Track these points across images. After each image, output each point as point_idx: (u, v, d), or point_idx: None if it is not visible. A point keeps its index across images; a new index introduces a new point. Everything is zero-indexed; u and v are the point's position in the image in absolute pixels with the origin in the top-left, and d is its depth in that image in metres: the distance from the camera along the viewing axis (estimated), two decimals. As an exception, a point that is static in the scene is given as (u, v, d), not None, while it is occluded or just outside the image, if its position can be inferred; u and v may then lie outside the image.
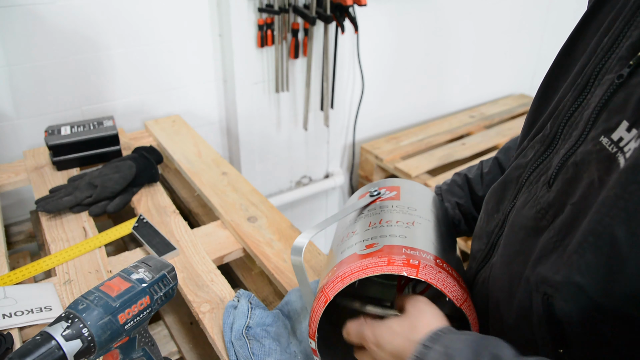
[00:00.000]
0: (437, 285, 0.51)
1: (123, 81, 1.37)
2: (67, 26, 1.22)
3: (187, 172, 1.15)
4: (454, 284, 0.51)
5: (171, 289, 0.62)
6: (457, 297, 0.51)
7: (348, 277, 0.53)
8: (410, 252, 0.53)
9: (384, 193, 0.67)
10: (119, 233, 0.94)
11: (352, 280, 0.53)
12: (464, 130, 2.07)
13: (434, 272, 0.51)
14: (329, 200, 2.03)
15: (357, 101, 1.86)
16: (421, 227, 0.59)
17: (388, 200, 0.65)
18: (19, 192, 1.29)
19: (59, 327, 0.51)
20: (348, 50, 1.72)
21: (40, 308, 0.73)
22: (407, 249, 0.53)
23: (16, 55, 1.19)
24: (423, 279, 0.50)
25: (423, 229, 0.59)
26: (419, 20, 1.88)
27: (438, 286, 0.51)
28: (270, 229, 0.95)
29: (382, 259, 0.52)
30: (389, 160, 1.86)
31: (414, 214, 0.62)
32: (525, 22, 2.21)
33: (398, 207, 0.63)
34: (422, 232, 0.58)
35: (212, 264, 0.87)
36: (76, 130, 1.16)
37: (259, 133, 1.64)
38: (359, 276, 0.52)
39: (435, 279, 0.51)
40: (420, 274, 0.50)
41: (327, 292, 0.54)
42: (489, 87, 2.33)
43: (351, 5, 1.45)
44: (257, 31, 1.44)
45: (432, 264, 0.52)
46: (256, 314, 0.73)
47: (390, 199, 0.65)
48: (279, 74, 1.54)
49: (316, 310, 0.55)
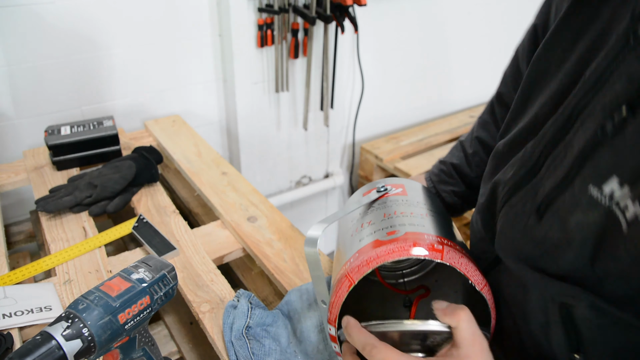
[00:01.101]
0: (461, 269, 0.51)
1: (123, 81, 1.37)
2: (67, 26, 1.22)
3: (187, 172, 1.15)
4: (474, 268, 0.52)
5: (171, 288, 0.62)
6: (478, 282, 0.52)
7: (374, 261, 0.52)
8: (432, 238, 0.53)
9: (391, 189, 0.67)
10: (119, 233, 0.94)
11: (379, 264, 0.52)
12: (464, 130, 2.07)
13: (457, 257, 0.51)
14: (329, 200, 2.03)
15: (357, 101, 1.86)
16: (434, 218, 0.60)
17: (396, 196, 0.66)
18: (18, 192, 1.29)
19: (59, 327, 0.51)
20: (348, 50, 1.72)
21: (40, 308, 0.73)
22: (428, 236, 0.54)
23: (16, 55, 1.19)
24: (448, 262, 0.51)
25: (436, 220, 0.60)
26: (419, 20, 1.88)
27: (462, 270, 0.51)
28: (270, 229, 0.95)
29: (407, 243, 0.52)
30: (389, 160, 1.86)
31: (424, 207, 0.62)
32: (525, 21, 2.20)
33: (408, 201, 0.64)
34: (436, 223, 0.59)
35: (212, 263, 0.87)
36: (76, 130, 1.16)
37: (259, 133, 1.64)
38: (385, 260, 0.52)
39: (459, 263, 0.51)
40: (445, 258, 0.51)
41: (352, 276, 0.53)
42: (489, 87, 2.33)
43: (351, 5, 1.45)
44: (257, 31, 1.44)
45: (454, 249, 0.52)
46: (256, 314, 0.73)
47: (398, 195, 0.66)
48: (279, 74, 1.54)
49: (339, 295, 0.54)
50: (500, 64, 2.45)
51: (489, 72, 2.26)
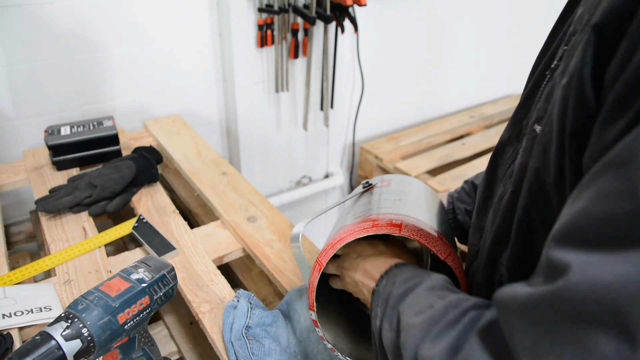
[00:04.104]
0: (420, 240, 0.54)
1: (123, 81, 1.37)
2: (66, 26, 1.22)
3: (187, 172, 1.15)
4: (436, 239, 0.55)
5: (171, 289, 0.62)
6: (440, 252, 0.55)
7: (338, 243, 0.57)
8: (394, 217, 0.57)
9: (377, 184, 0.70)
10: (119, 233, 0.94)
11: (342, 244, 0.57)
12: (463, 130, 2.07)
13: (416, 230, 0.55)
14: (329, 200, 2.03)
15: (357, 101, 1.86)
16: (408, 200, 0.63)
17: (380, 188, 0.69)
18: (18, 192, 1.29)
19: (59, 327, 0.51)
20: (348, 50, 1.72)
21: (40, 308, 0.73)
22: (392, 214, 0.58)
23: (16, 55, 1.19)
24: (405, 235, 0.54)
25: (410, 202, 0.63)
26: (419, 20, 1.88)
27: (420, 241, 0.54)
28: (270, 229, 0.95)
29: (367, 222, 0.56)
30: (389, 160, 1.86)
31: (402, 194, 0.65)
32: (525, 21, 2.21)
33: (387, 191, 0.67)
34: (408, 204, 0.62)
35: (212, 264, 0.87)
36: (76, 130, 1.16)
37: (258, 133, 1.64)
38: (346, 240, 0.56)
39: (418, 234, 0.54)
40: (402, 232, 0.54)
41: (320, 260, 0.58)
42: (489, 87, 2.33)
43: (351, 5, 1.45)
44: (257, 31, 1.44)
45: (415, 223, 0.56)
46: (256, 314, 0.73)
47: (383, 187, 0.69)
48: (279, 74, 1.54)
49: (312, 281, 0.59)
50: (500, 64, 2.46)
51: (489, 72, 2.26)
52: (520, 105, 0.52)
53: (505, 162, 0.53)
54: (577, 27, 0.41)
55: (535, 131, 0.43)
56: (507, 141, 0.54)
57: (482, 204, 0.57)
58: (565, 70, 0.38)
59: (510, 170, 0.51)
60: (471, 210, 0.75)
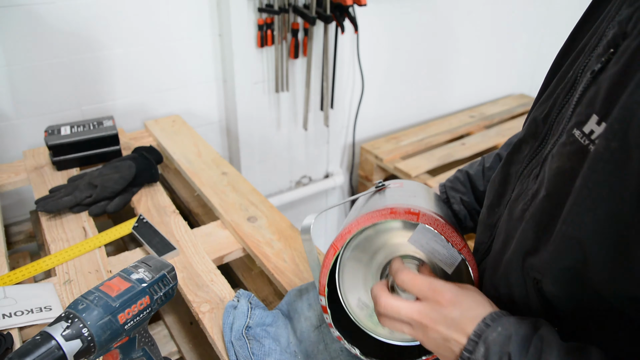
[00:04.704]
0: (437, 230, 0.55)
1: (123, 81, 1.37)
2: (66, 26, 1.22)
3: (187, 172, 1.15)
4: (452, 230, 0.55)
5: (171, 289, 0.62)
6: (456, 243, 0.55)
7: (355, 228, 0.56)
8: (412, 207, 0.57)
9: (389, 185, 0.69)
10: (119, 233, 0.94)
11: (359, 229, 0.56)
12: (464, 130, 2.07)
13: (433, 219, 0.55)
14: (329, 200, 2.03)
15: (357, 101, 1.86)
16: (421, 198, 0.64)
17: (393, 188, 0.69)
18: (18, 192, 1.29)
19: (59, 327, 0.51)
20: (348, 50, 1.72)
21: (40, 308, 0.73)
22: (408, 205, 0.58)
23: (16, 55, 1.19)
24: (423, 222, 0.55)
25: (423, 200, 0.63)
26: (419, 20, 1.88)
27: (437, 230, 0.55)
28: (270, 229, 0.95)
29: (385, 210, 0.56)
30: (389, 160, 1.86)
31: (416, 193, 0.66)
32: (525, 21, 2.21)
33: (401, 190, 0.67)
34: (422, 201, 0.62)
35: (212, 264, 0.87)
36: (76, 130, 1.16)
37: (258, 133, 1.64)
38: (365, 224, 0.56)
39: (435, 224, 0.55)
40: (420, 219, 0.55)
41: (336, 244, 0.57)
42: (489, 87, 2.33)
43: (351, 5, 1.45)
44: (257, 31, 1.44)
45: (432, 214, 0.56)
46: (256, 314, 0.73)
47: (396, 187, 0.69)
48: (279, 74, 1.54)
49: (326, 264, 0.58)
50: (500, 64, 2.46)
51: (489, 72, 2.26)
52: (539, 104, 0.51)
53: (520, 160, 0.53)
54: (624, 28, 0.39)
55: (575, 136, 0.41)
56: (523, 139, 0.53)
57: (496, 201, 0.56)
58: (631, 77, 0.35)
59: (528, 169, 0.50)
60: (466, 199, 0.75)
